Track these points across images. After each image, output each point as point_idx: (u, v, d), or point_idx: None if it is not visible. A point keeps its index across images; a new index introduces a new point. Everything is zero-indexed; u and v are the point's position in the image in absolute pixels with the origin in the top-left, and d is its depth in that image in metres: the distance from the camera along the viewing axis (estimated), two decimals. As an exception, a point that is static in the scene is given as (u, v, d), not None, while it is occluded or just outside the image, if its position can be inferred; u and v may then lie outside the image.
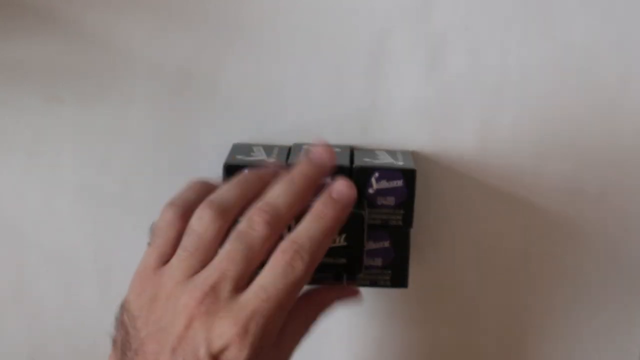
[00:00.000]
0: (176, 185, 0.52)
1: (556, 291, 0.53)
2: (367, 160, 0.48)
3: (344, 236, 0.45)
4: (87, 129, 0.51)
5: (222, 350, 0.38)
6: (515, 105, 0.51)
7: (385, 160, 0.49)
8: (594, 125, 0.51)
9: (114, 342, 0.41)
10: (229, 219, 0.41)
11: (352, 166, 0.48)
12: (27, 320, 0.54)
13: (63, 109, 0.51)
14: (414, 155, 0.50)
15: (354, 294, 0.46)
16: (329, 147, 0.45)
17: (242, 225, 0.40)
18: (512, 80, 0.50)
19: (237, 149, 0.50)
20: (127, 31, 0.50)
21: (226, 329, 0.38)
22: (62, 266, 0.53)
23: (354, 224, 0.45)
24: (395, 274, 0.49)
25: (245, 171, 0.45)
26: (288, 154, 0.49)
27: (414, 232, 0.50)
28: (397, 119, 0.51)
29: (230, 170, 0.47)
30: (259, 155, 0.49)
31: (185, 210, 0.42)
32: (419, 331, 0.54)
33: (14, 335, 0.54)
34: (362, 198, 0.47)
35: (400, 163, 0.48)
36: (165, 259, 0.41)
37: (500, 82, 0.50)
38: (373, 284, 0.49)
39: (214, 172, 0.51)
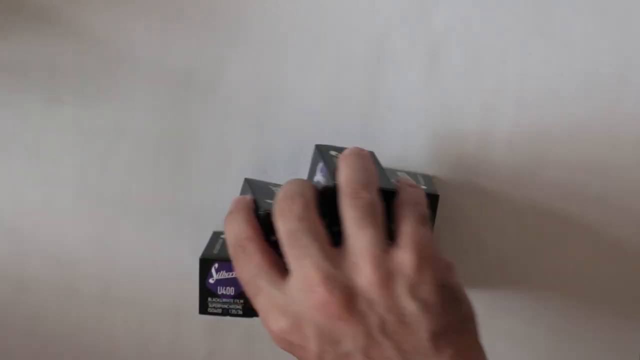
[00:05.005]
0: (176, 185, 0.52)
1: (556, 291, 0.53)
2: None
3: None
4: (87, 129, 0.51)
5: None
6: (515, 105, 0.51)
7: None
8: (594, 126, 0.51)
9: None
10: None
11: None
12: (27, 320, 0.54)
13: (63, 109, 0.51)
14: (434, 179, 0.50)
15: None
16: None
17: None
18: (512, 80, 0.50)
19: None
20: (127, 31, 0.50)
21: None
22: (62, 266, 0.53)
23: None
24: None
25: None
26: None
27: (414, 232, 0.50)
28: (397, 119, 0.51)
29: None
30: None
31: None
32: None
33: (14, 335, 0.54)
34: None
35: (422, 187, 0.47)
36: None
37: (500, 82, 0.50)
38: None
39: (214, 172, 0.51)
